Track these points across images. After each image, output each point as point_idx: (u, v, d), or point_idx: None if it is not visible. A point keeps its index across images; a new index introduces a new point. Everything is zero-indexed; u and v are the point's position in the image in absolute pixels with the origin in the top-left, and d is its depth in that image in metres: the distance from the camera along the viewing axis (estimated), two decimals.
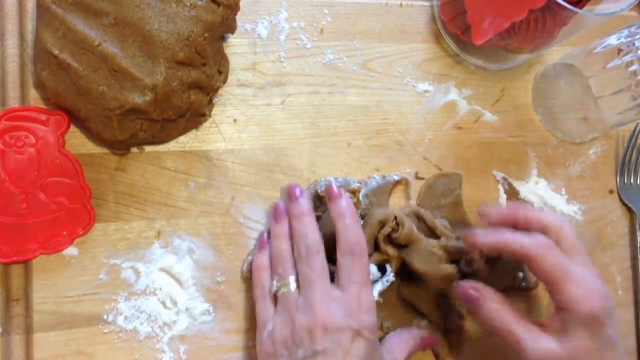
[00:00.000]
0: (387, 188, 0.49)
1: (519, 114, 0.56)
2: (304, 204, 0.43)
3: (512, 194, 0.54)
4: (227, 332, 0.45)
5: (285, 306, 0.40)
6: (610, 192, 0.57)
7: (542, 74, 0.57)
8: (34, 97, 0.44)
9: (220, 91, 0.47)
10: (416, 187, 0.51)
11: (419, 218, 0.47)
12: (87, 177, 0.43)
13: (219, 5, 0.43)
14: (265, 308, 0.42)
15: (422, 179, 0.51)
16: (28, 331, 0.41)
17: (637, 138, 0.57)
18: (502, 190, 0.53)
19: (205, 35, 0.42)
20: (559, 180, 0.56)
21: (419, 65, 0.54)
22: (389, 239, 0.45)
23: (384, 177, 0.49)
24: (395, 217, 0.44)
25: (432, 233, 0.46)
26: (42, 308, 0.42)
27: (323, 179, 0.48)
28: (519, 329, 0.39)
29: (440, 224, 0.47)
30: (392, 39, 0.54)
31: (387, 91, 0.52)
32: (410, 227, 0.44)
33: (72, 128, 0.44)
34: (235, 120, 0.48)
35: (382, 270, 0.45)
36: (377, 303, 0.42)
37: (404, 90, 0.53)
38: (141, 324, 0.43)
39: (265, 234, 0.45)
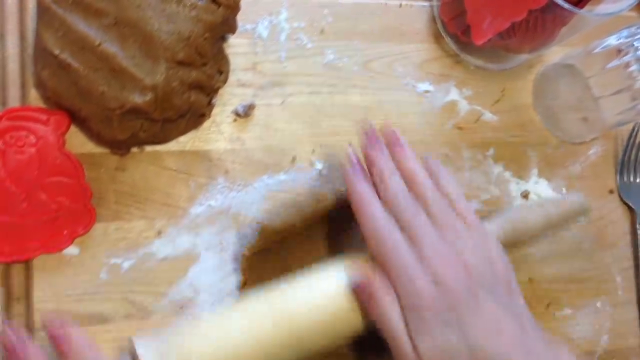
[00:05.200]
0: None
1: (519, 114, 0.56)
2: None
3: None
4: None
5: None
6: (611, 192, 0.57)
7: (542, 74, 0.57)
8: (35, 97, 0.44)
9: (220, 91, 0.48)
10: None
11: None
12: (88, 177, 0.43)
13: (219, 5, 0.43)
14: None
15: None
16: (29, 330, 0.41)
17: (636, 137, 0.57)
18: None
19: (206, 35, 0.42)
20: (559, 180, 0.56)
21: (419, 66, 0.54)
22: None
23: None
24: None
25: None
26: (43, 307, 0.42)
27: None
28: (403, 337, 0.37)
29: None
30: (392, 39, 0.54)
31: (387, 91, 0.53)
32: None
33: (73, 128, 0.44)
34: (235, 120, 0.48)
35: None
36: None
37: (404, 91, 0.53)
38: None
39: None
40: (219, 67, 0.46)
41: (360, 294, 0.38)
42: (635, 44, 0.48)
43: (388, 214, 0.39)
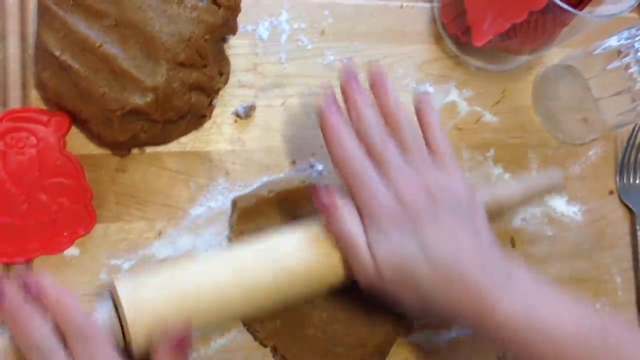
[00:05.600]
0: None
1: (520, 115, 0.56)
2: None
3: None
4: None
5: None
6: (610, 192, 0.57)
7: (542, 76, 0.57)
8: (35, 98, 0.44)
9: (221, 92, 0.48)
10: None
11: None
12: (88, 178, 0.43)
13: (220, 6, 0.43)
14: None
15: None
16: None
17: (636, 138, 0.57)
18: None
19: (207, 36, 0.42)
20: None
21: (419, 67, 0.54)
22: None
23: None
24: None
25: None
26: None
27: None
28: (362, 246, 0.39)
29: None
30: (392, 41, 0.54)
31: None
32: None
33: (73, 129, 0.44)
34: (236, 121, 0.48)
35: None
36: None
37: (404, 92, 0.53)
38: None
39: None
40: (220, 68, 0.46)
41: (322, 209, 0.40)
42: (636, 45, 0.48)
43: (359, 143, 0.41)
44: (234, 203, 0.46)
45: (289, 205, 0.47)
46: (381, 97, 0.42)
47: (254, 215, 0.46)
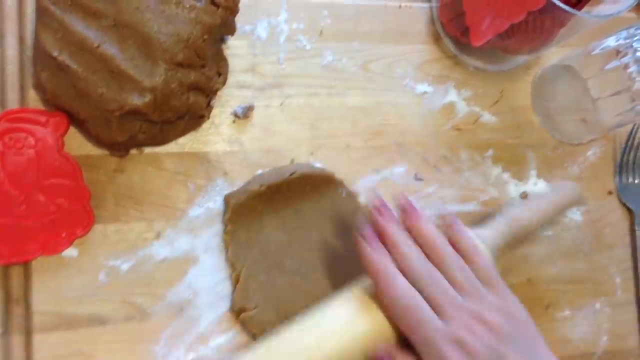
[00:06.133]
0: None
1: (518, 116, 0.56)
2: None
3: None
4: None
5: None
6: (609, 193, 0.57)
7: (540, 76, 0.57)
8: (34, 99, 0.44)
9: (219, 93, 0.48)
10: (415, 187, 0.51)
11: None
12: (86, 179, 0.43)
13: (218, 7, 0.43)
14: None
15: (422, 180, 0.52)
16: (28, 332, 0.41)
17: (634, 138, 0.57)
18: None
19: (205, 37, 0.42)
20: (558, 181, 0.56)
21: (418, 67, 0.54)
22: None
23: None
24: None
25: None
26: (42, 309, 0.42)
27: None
28: None
29: None
30: (391, 41, 0.54)
31: (386, 92, 0.53)
32: None
33: (71, 129, 0.44)
34: (234, 122, 0.48)
35: None
36: None
37: (403, 92, 0.53)
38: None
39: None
40: (218, 68, 0.46)
41: None
42: (634, 45, 0.48)
43: (407, 281, 0.39)
44: (226, 201, 0.46)
45: (280, 198, 0.47)
46: (416, 228, 0.42)
47: (246, 212, 0.46)
